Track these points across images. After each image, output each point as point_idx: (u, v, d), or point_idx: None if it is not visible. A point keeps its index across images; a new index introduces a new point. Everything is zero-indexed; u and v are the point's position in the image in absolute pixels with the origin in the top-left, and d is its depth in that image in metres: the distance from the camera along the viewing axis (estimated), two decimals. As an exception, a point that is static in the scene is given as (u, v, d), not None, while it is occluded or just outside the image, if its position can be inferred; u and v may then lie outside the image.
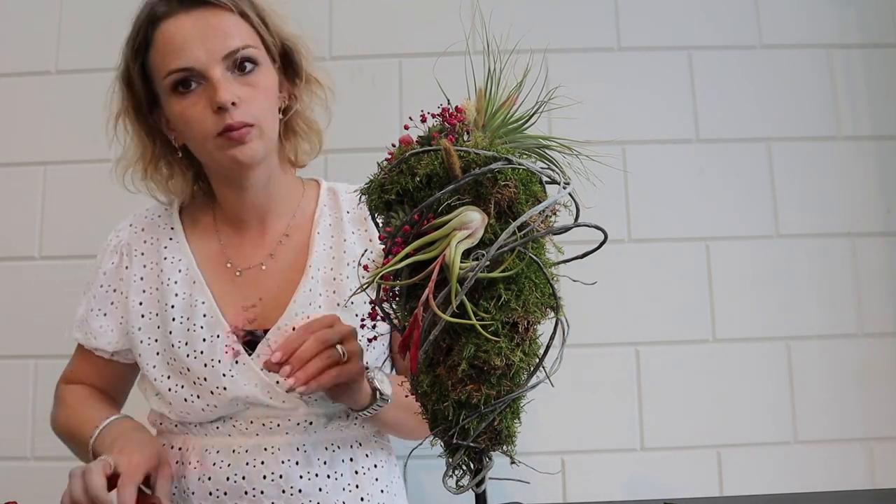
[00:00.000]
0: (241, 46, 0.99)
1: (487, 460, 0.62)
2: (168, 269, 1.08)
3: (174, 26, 0.99)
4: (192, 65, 0.98)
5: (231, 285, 1.08)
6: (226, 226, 1.12)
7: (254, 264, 1.09)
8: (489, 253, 0.55)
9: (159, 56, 1.00)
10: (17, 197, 1.57)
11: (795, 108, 1.61)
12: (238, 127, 0.98)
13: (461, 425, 0.60)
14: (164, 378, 1.05)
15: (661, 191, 1.58)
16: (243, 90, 0.99)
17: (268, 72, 1.04)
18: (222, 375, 1.02)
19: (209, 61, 0.98)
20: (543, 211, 0.58)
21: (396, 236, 0.58)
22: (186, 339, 1.04)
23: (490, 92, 0.61)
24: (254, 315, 1.06)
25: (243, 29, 1.01)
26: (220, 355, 1.02)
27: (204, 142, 1.01)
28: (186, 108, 1.00)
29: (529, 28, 1.01)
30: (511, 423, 0.63)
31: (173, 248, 1.10)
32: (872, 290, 1.56)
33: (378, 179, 0.62)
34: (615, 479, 1.50)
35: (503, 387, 0.60)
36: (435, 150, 0.58)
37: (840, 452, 1.51)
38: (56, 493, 0.96)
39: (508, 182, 0.58)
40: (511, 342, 0.59)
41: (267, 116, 1.02)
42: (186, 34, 0.98)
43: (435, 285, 0.56)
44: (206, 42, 0.98)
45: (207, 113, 0.98)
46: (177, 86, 1.00)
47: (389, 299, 0.63)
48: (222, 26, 0.99)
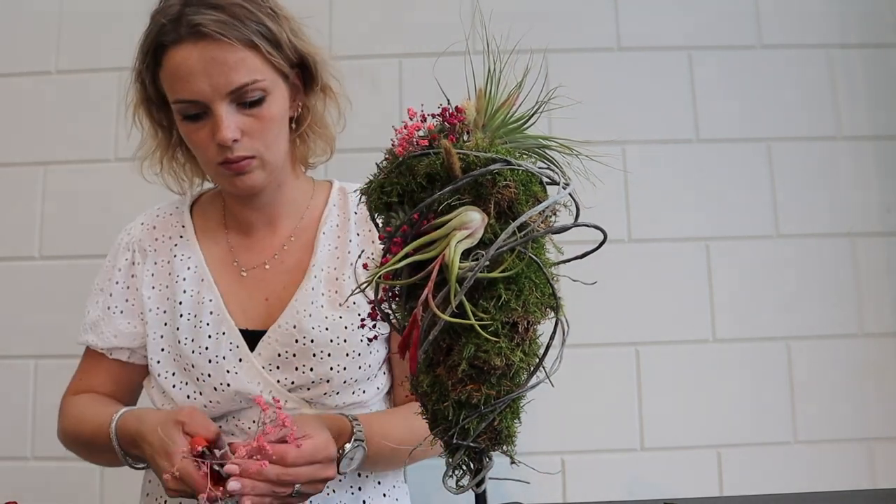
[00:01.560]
0: (247, 83, 0.98)
1: (487, 460, 0.63)
2: (178, 267, 1.09)
3: (180, 56, 0.97)
4: (196, 98, 0.98)
5: (238, 285, 1.09)
6: (235, 227, 1.13)
7: (258, 264, 1.10)
8: (488, 253, 0.55)
9: (167, 80, 1.00)
10: (17, 197, 1.58)
11: (795, 108, 1.61)
12: (237, 161, 1.00)
13: (461, 425, 0.60)
14: (169, 374, 1.06)
15: (661, 191, 1.58)
16: (248, 122, 0.99)
17: (277, 99, 1.02)
18: (226, 372, 1.02)
19: (214, 96, 0.97)
20: (543, 211, 0.58)
21: (395, 236, 0.58)
22: (193, 336, 1.05)
23: (490, 92, 0.61)
24: (258, 314, 1.07)
25: (251, 61, 0.98)
26: (225, 352, 1.03)
27: (206, 166, 1.05)
28: (192, 132, 1.01)
29: (529, 28, 1.01)
30: (511, 423, 0.63)
31: (183, 245, 1.11)
32: (872, 290, 1.56)
33: (378, 180, 0.62)
34: (615, 479, 1.50)
35: (503, 387, 0.60)
36: (436, 151, 0.58)
37: (840, 452, 1.51)
38: (56, 493, 0.96)
39: (509, 182, 0.58)
40: (511, 342, 0.59)
41: (271, 145, 1.03)
42: (192, 66, 0.96)
43: (435, 285, 0.56)
44: (211, 77, 0.96)
45: (210, 142, 0.99)
46: (184, 112, 1.00)
47: (389, 299, 0.63)
48: (228, 61, 0.97)
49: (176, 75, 0.98)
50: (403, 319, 0.63)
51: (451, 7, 1.57)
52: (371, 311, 0.64)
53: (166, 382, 1.05)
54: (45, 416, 1.15)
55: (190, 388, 1.04)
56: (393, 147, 0.62)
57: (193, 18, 0.96)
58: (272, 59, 1.00)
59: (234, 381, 1.02)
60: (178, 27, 0.97)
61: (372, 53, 1.60)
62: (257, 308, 1.07)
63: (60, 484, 1.45)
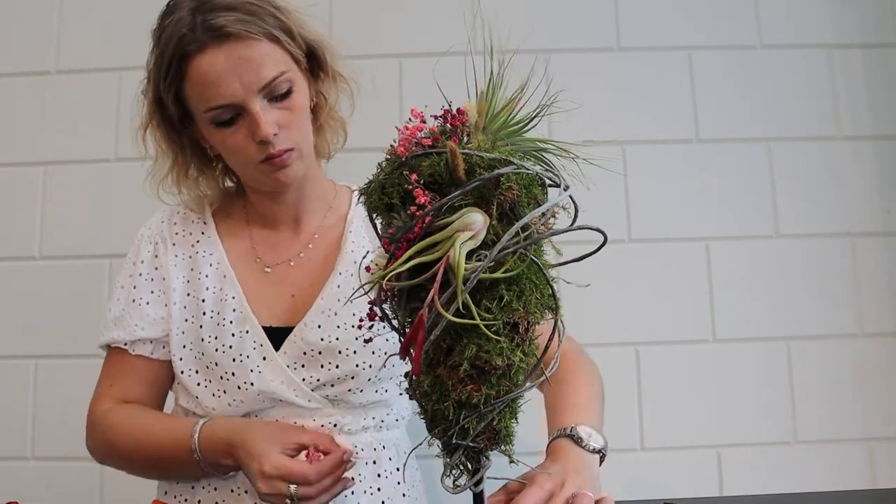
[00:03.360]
0: (276, 76, 0.98)
1: (485, 460, 0.63)
2: (200, 263, 1.08)
3: (207, 62, 0.96)
4: (230, 101, 0.97)
5: (262, 281, 1.08)
6: (258, 224, 1.12)
7: (283, 261, 1.09)
8: (492, 253, 0.56)
9: (195, 91, 0.99)
10: (17, 197, 1.58)
11: (795, 108, 1.61)
12: (279, 154, 1.00)
13: (461, 425, 0.60)
14: (192, 372, 1.05)
15: (661, 191, 1.58)
16: (282, 115, 1.00)
17: (301, 89, 1.03)
18: (250, 371, 1.02)
19: (246, 95, 0.97)
20: (545, 213, 0.58)
21: (400, 239, 0.58)
22: (216, 334, 1.04)
23: (491, 94, 0.61)
24: (282, 311, 1.06)
25: (275, 54, 0.99)
26: (249, 350, 1.02)
27: (246, 167, 1.04)
28: (227, 137, 1.00)
29: (530, 29, 1.01)
30: (509, 423, 0.63)
31: (205, 242, 1.10)
32: (872, 290, 1.56)
33: (378, 180, 0.62)
34: (615, 479, 1.50)
35: (502, 386, 0.60)
36: (439, 151, 0.59)
37: (840, 452, 1.52)
38: (56, 493, 0.96)
39: (512, 185, 0.58)
40: (511, 342, 0.60)
41: (305, 136, 1.04)
42: (221, 69, 0.96)
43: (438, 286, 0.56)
44: (241, 76, 0.96)
45: (249, 142, 0.99)
46: (217, 119, 0.99)
47: (390, 300, 0.63)
48: (255, 57, 0.97)
49: (205, 82, 0.97)
50: (403, 321, 0.63)
51: (452, 7, 1.57)
52: (370, 312, 0.64)
53: (190, 381, 1.04)
54: (45, 416, 1.14)
55: (214, 387, 1.03)
56: (394, 147, 0.62)
57: (213, 22, 0.95)
58: (291, 49, 1.01)
59: (258, 380, 1.01)
60: (198, 35, 0.96)
61: (372, 53, 1.60)
62: (282, 305, 1.06)
63: (60, 484, 1.45)
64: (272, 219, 1.12)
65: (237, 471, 0.98)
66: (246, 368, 1.02)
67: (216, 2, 0.97)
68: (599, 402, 1.00)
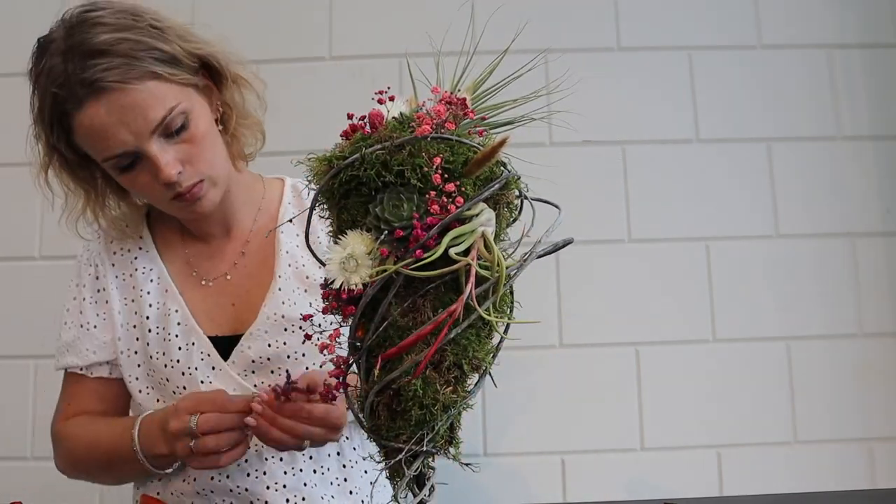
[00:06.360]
0: (166, 114, 0.92)
1: (428, 467, 0.60)
2: (140, 281, 1.07)
3: (88, 118, 0.91)
4: (123, 149, 0.93)
5: (202, 293, 1.07)
6: (192, 237, 1.10)
7: (219, 275, 1.08)
8: (531, 255, 0.56)
9: (85, 143, 0.95)
10: (17, 197, 1.57)
11: (795, 108, 1.61)
12: (188, 191, 0.96)
13: (437, 430, 0.58)
14: (149, 390, 1.05)
15: (661, 191, 1.58)
16: (182, 150, 0.95)
17: (200, 114, 0.97)
18: (200, 382, 1.01)
19: (139, 141, 0.92)
20: (510, 204, 0.60)
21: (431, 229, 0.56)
22: (163, 349, 1.03)
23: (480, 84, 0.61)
24: (226, 320, 1.05)
25: (160, 91, 0.92)
26: (197, 362, 1.02)
27: (160, 204, 1.01)
28: (132, 180, 0.97)
29: (529, 28, 1.01)
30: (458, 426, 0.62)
31: (143, 258, 1.09)
32: (872, 290, 1.56)
33: (381, 154, 0.58)
34: (615, 479, 1.50)
35: (466, 386, 0.60)
36: (446, 138, 0.58)
37: (840, 452, 1.52)
38: (56, 493, 0.95)
39: (513, 188, 0.59)
40: (486, 343, 0.60)
41: (213, 162, 0.99)
42: (105, 122, 0.90)
43: (445, 283, 0.56)
44: (128, 125, 0.91)
45: (155, 183, 0.95)
46: (118, 165, 0.95)
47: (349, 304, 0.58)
48: (139, 102, 0.91)
49: (92, 136, 0.92)
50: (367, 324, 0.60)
51: (452, 7, 1.57)
52: (327, 306, 0.59)
53: (147, 399, 1.04)
54: (45, 417, 1.15)
55: (169, 403, 1.00)
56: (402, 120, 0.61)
57: (85, 76, 0.89)
58: (176, 78, 0.94)
59: (210, 390, 0.99)
60: (74, 90, 0.90)
61: (372, 53, 1.60)
62: (225, 315, 1.05)
63: (60, 484, 1.45)
64: (203, 233, 1.09)
65: (175, 463, 0.97)
66: (195, 380, 1.01)
67: (88, 45, 0.90)
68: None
